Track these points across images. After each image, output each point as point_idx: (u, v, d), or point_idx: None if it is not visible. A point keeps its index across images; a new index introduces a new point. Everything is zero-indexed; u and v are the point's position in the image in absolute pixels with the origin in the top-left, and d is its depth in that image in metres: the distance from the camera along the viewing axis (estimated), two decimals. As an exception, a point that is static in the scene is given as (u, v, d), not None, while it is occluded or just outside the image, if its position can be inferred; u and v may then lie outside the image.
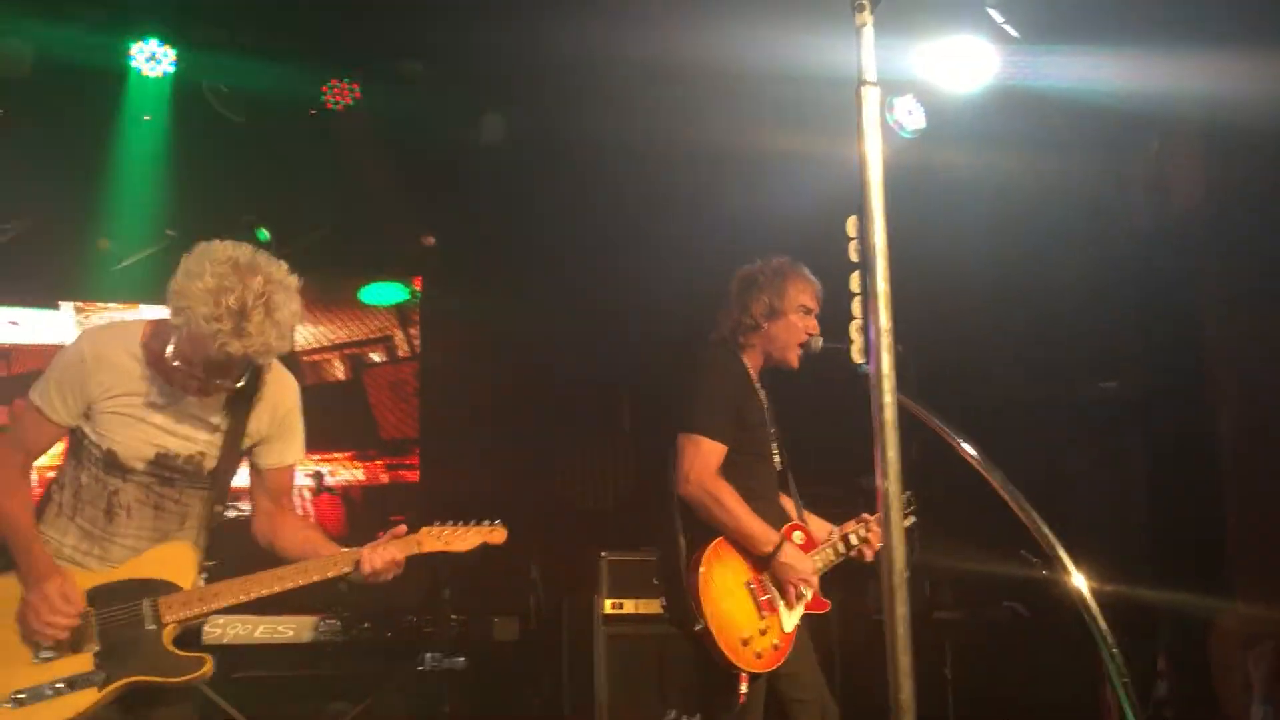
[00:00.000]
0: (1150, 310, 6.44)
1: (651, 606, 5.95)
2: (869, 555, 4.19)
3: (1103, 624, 3.83)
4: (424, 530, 3.26)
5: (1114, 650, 3.79)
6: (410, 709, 6.45)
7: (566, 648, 6.59)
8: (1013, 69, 6.16)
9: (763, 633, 3.92)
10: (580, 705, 6.32)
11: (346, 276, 8.16)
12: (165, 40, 6.74)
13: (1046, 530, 3.87)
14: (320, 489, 7.81)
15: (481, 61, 6.82)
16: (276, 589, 3.09)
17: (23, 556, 3.00)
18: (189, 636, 3.14)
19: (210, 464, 3.17)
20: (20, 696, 2.88)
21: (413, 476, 8.03)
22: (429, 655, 6.36)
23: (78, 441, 3.13)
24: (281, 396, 3.29)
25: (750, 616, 3.92)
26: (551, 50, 6.23)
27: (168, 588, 3.04)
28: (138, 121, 6.92)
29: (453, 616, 6.59)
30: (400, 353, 8.34)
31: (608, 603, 6.21)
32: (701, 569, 3.89)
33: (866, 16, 1.96)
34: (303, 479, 8.04)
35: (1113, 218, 6.51)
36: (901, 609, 1.80)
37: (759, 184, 6.75)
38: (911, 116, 6.58)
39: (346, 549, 3.17)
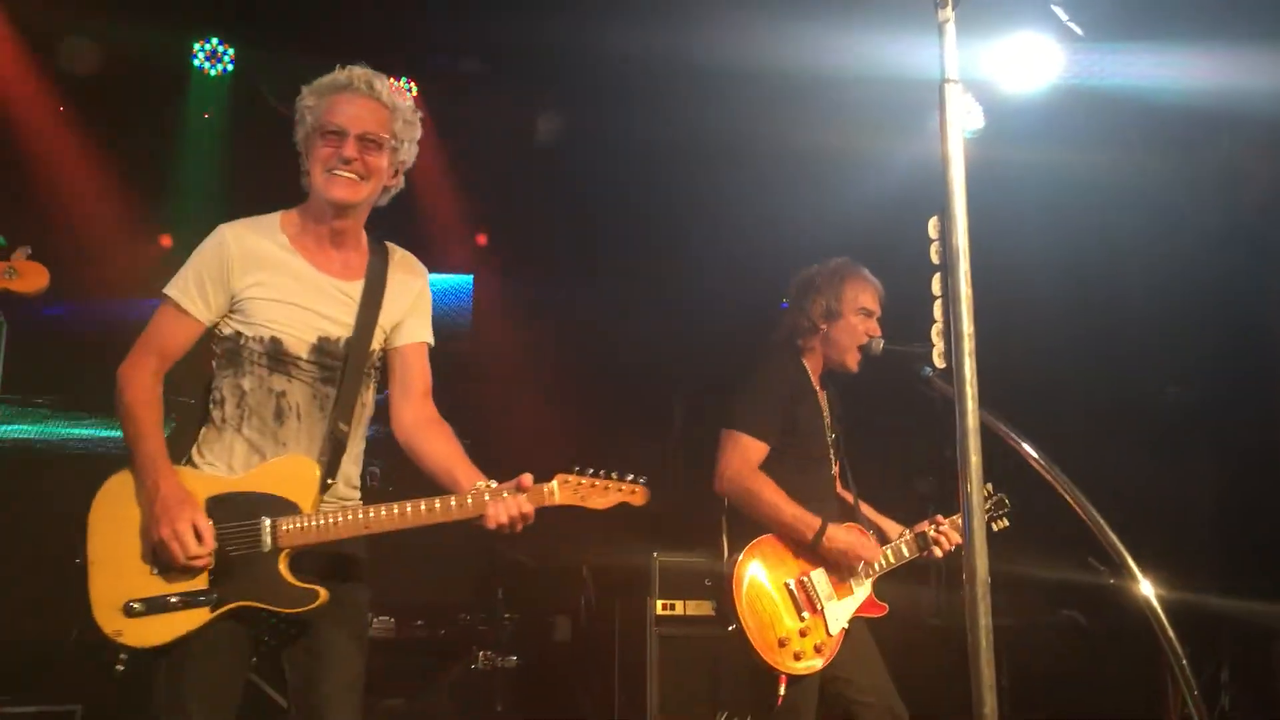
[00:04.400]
0: (1219, 312, 6.31)
1: (704, 608, 5.92)
2: (940, 554, 4.14)
3: (1171, 633, 3.74)
4: (559, 478, 2.98)
5: (1183, 661, 3.70)
6: (462, 707, 6.47)
7: (619, 648, 6.57)
8: (1078, 67, 6.07)
9: (802, 634, 3.89)
10: (632, 706, 6.29)
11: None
12: (225, 39, 6.83)
13: (1113, 535, 3.79)
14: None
15: (539, 61, 6.83)
16: (399, 525, 2.91)
17: (150, 473, 2.87)
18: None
19: (363, 345, 3.10)
20: (136, 606, 2.81)
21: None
22: (481, 654, 6.37)
23: (234, 347, 3.02)
24: (413, 274, 3.26)
25: (789, 617, 3.89)
26: (610, 50, 6.21)
27: (288, 507, 2.91)
28: (198, 118, 7.02)
29: (505, 615, 6.60)
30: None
31: (659, 604, 6.16)
32: (739, 568, 3.89)
33: (949, 13, 1.91)
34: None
35: (1181, 218, 6.39)
36: (985, 619, 1.75)
37: (820, 183, 6.70)
38: (970, 115, 6.51)
39: (477, 487, 2.94)
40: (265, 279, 3.02)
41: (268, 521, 2.89)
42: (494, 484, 2.96)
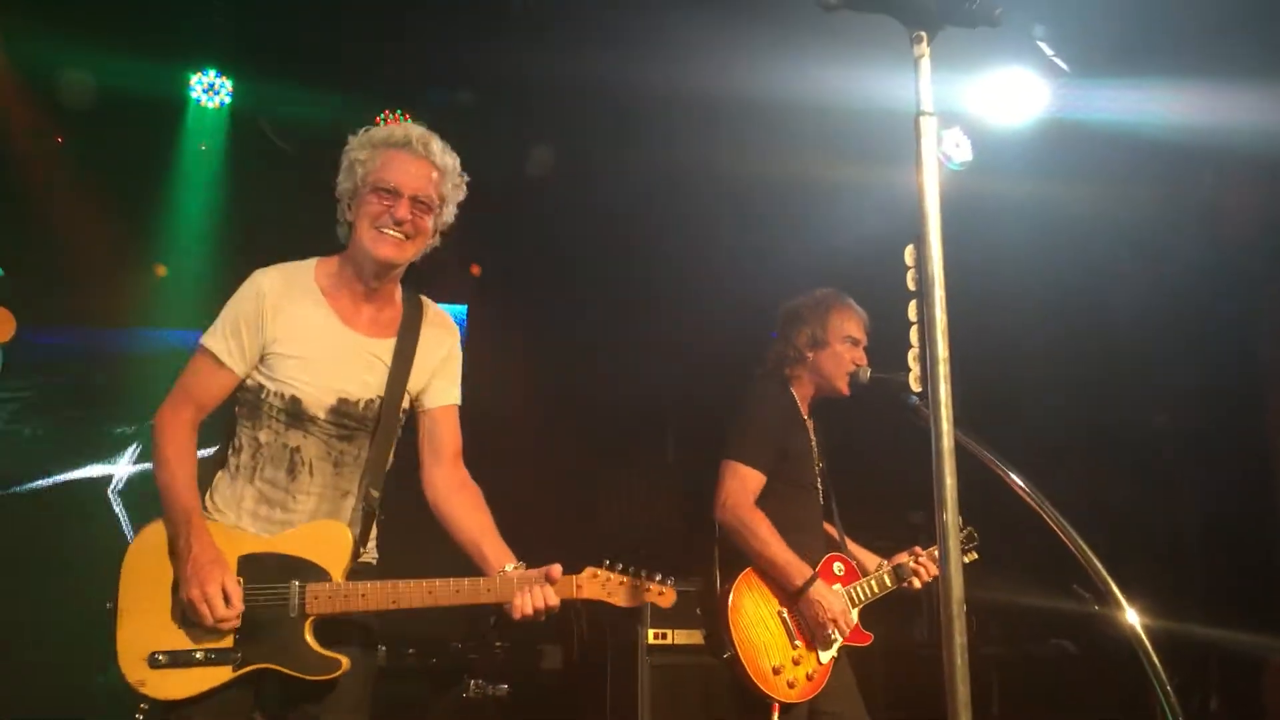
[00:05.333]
0: (1204, 343, 6.37)
1: (695, 637, 5.93)
2: (918, 585, 4.18)
3: (1156, 661, 3.77)
4: (587, 572, 3.04)
5: (1168, 689, 3.73)
6: (454, 736, 6.45)
7: (610, 677, 6.56)
8: (1063, 102, 6.16)
9: (795, 662, 3.92)
10: (623, 735, 6.29)
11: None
12: (223, 72, 6.90)
13: (1098, 564, 3.81)
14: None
15: (531, 93, 6.90)
16: (426, 604, 2.93)
17: (183, 530, 2.88)
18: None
19: (394, 408, 3.10)
20: (160, 658, 2.83)
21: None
22: (473, 682, 6.36)
23: (255, 400, 3.04)
24: (444, 334, 3.26)
25: (782, 645, 3.92)
26: (600, 83, 6.29)
27: (318, 573, 2.92)
28: (194, 150, 7.09)
29: (497, 644, 6.60)
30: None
31: (651, 633, 6.15)
32: (733, 596, 3.93)
33: (924, 48, 1.99)
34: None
35: (1166, 250, 6.46)
36: (960, 638, 1.79)
37: (808, 215, 6.77)
38: (959, 149, 6.60)
39: (505, 571, 2.96)
40: (294, 334, 3.04)
41: (297, 586, 2.90)
42: (523, 566, 2.98)
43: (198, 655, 2.84)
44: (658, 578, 3.08)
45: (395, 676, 6.45)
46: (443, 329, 3.26)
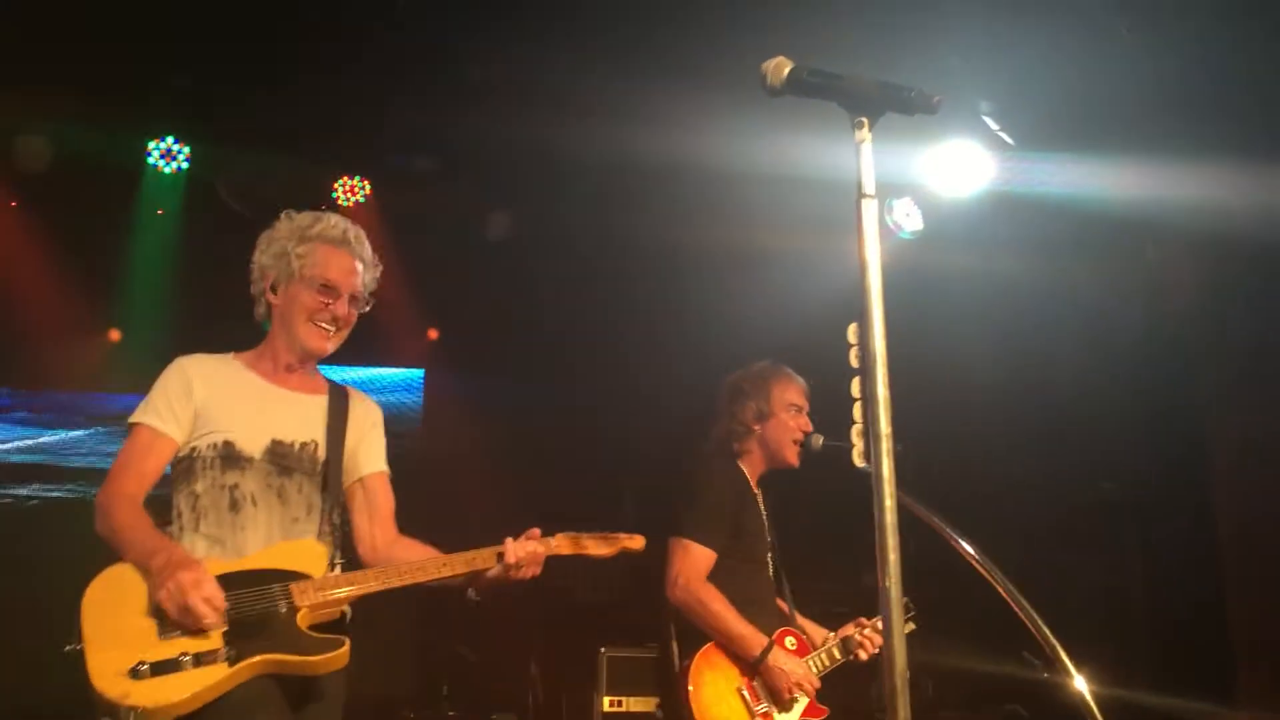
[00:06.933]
0: (1147, 411, 6.48)
1: (650, 705, 5.89)
2: (864, 657, 4.19)
3: (1103, 729, 3.79)
4: (559, 536, 3.29)
5: (1114, 754, 3.75)
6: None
7: (564, 746, 6.51)
8: (1009, 174, 6.30)
9: None
10: (578, 805, 6.22)
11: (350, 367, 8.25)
12: (180, 139, 6.93)
13: (1047, 631, 3.85)
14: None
15: (488, 161, 6.98)
16: (418, 579, 2.98)
17: (150, 549, 2.82)
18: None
19: (322, 454, 3.13)
20: (142, 668, 2.69)
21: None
22: (426, 753, 6.29)
23: (189, 461, 3.05)
24: (369, 409, 3.33)
25: None
26: (556, 151, 6.37)
27: (298, 576, 2.90)
28: (151, 215, 7.09)
29: (450, 713, 6.53)
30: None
31: (606, 700, 6.12)
32: (692, 674, 3.90)
33: (865, 133, 2.07)
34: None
35: (1109, 320, 6.59)
36: (904, 711, 1.81)
37: (760, 283, 6.85)
38: (910, 219, 6.72)
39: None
40: (221, 393, 3.10)
41: (278, 585, 2.87)
42: None
43: (184, 659, 2.72)
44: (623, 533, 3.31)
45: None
46: (367, 401, 3.35)
